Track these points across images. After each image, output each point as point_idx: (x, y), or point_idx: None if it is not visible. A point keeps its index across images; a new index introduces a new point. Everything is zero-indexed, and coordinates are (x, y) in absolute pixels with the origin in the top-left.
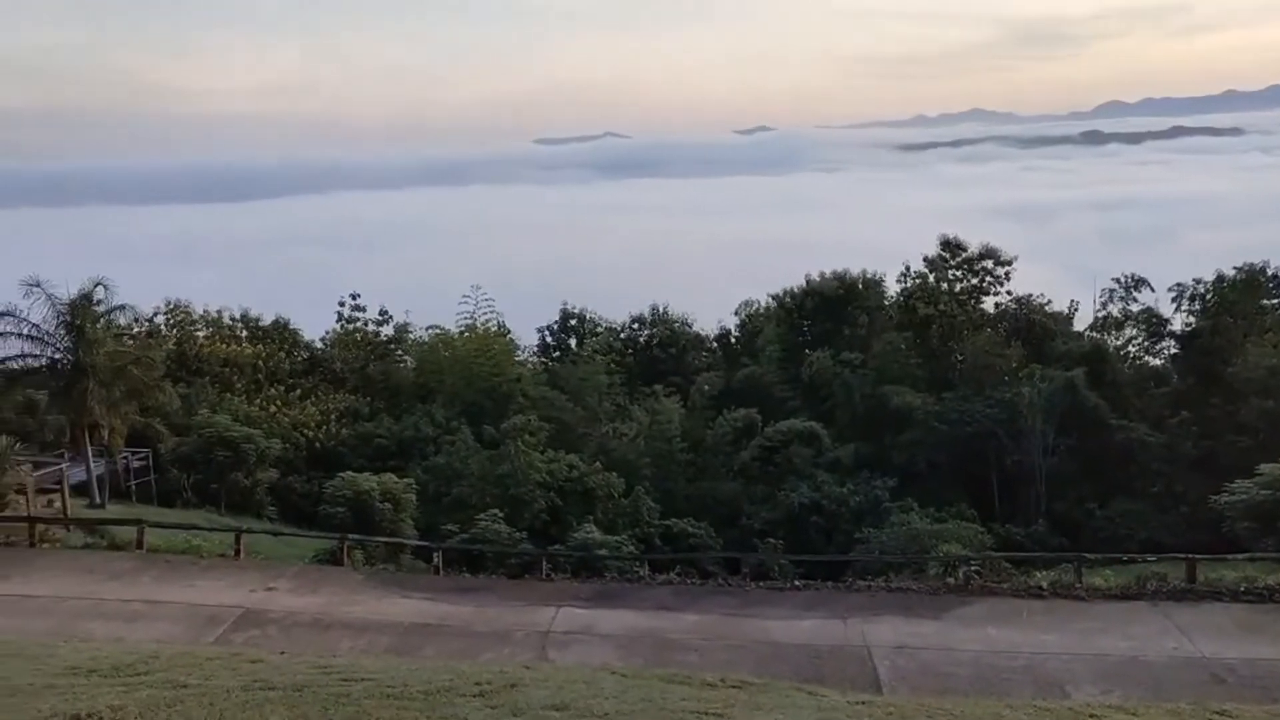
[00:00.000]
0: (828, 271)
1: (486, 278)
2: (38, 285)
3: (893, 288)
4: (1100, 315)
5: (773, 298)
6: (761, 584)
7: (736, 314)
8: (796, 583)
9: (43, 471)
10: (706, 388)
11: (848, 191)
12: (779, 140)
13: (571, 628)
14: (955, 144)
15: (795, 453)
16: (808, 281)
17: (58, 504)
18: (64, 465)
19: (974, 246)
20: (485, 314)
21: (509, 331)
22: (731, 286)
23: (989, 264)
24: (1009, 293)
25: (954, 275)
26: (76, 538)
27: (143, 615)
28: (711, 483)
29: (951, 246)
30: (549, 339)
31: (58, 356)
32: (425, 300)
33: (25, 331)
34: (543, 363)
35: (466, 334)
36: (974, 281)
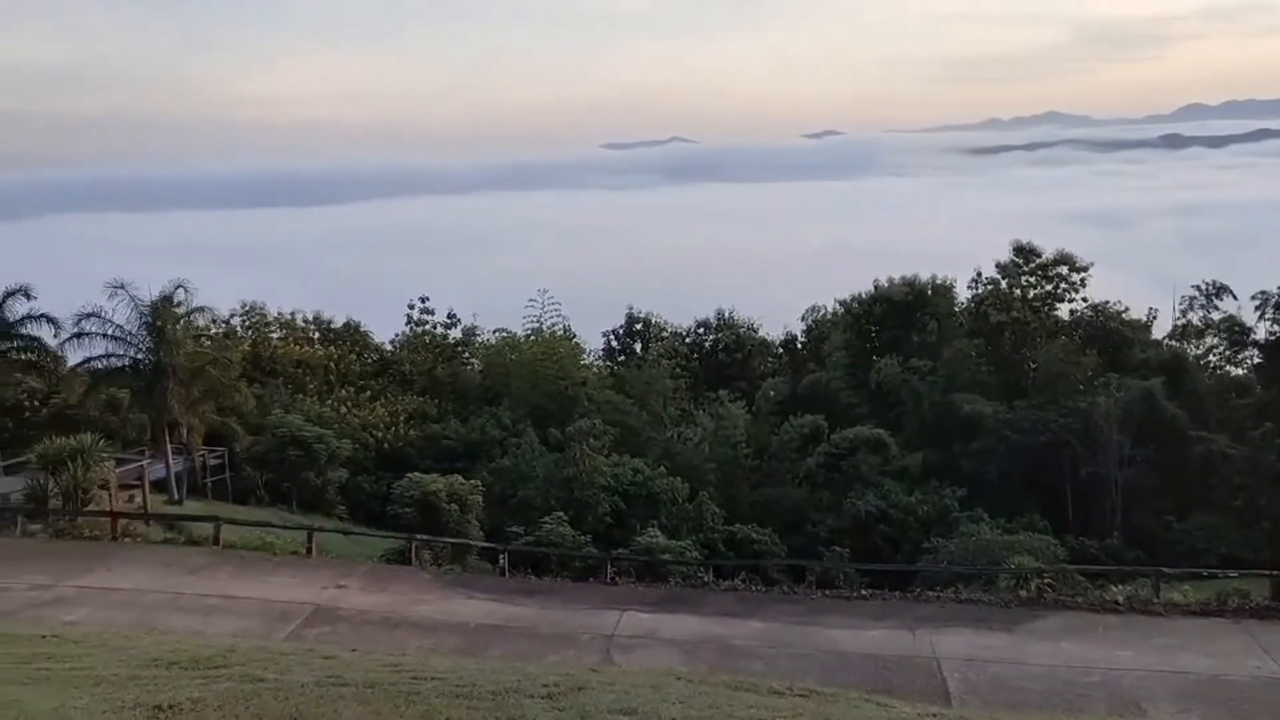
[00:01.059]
0: (896, 277)
1: (553, 281)
2: (122, 287)
3: (963, 294)
4: (1180, 323)
5: (840, 303)
6: (827, 592)
7: (803, 319)
8: (863, 592)
9: (125, 468)
10: (772, 393)
11: (917, 196)
12: (848, 145)
13: (636, 632)
14: (1029, 147)
15: (862, 460)
16: (876, 287)
17: (138, 499)
18: (145, 462)
19: (1048, 252)
20: (551, 318)
21: (575, 335)
22: (798, 291)
23: (1064, 270)
24: (1084, 299)
25: (1027, 281)
26: (156, 533)
27: (219, 609)
28: (776, 489)
29: (1025, 251)
30: (614, 343)
31: (140, 357)
32: (492, 304)
33: (110, 332)
34: (608, 366)
35: (533, 337)
36: (1048, 288)
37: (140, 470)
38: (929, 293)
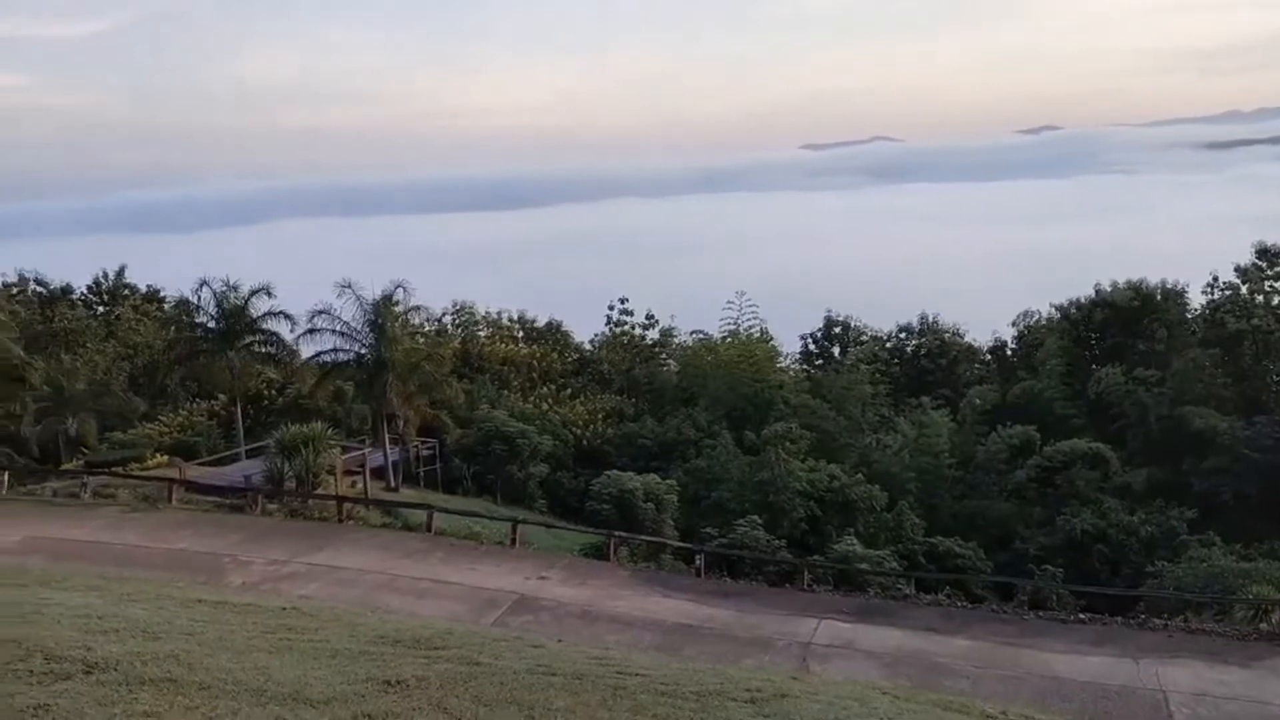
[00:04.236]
0: (1121, 280)
1: (751, 284)
2: (349, 286)
3: (1197, 299)
4: None
5: (1056, 308)
6: (1040, 613)
7: (1014, 325)
8: (1080, 615)
9: (348, 455)
10: (978, 401)
11: (1145, 194)
12: (1067, 140)
13: (833, 641)
14: (1273, 141)
15: (1078, 475)
16: (1097, 291)
17: (359, 485)
18: (366, 450)
19: None
20: (748, 320)
21: (771, 338)
22: (1009, 296)
23: None
24: None
25: (1272, 286)
26: (375, 517)
27: (431, 593)
28: (981, 502)
29: (1269, 254)
30: (812, 346)
31: (363, 352)
32: (690, 305)
33: (337, 328)
34: (805, 370)
35: (729, 340)
36: None
37: (362, 458)
38: (1158, 298)
